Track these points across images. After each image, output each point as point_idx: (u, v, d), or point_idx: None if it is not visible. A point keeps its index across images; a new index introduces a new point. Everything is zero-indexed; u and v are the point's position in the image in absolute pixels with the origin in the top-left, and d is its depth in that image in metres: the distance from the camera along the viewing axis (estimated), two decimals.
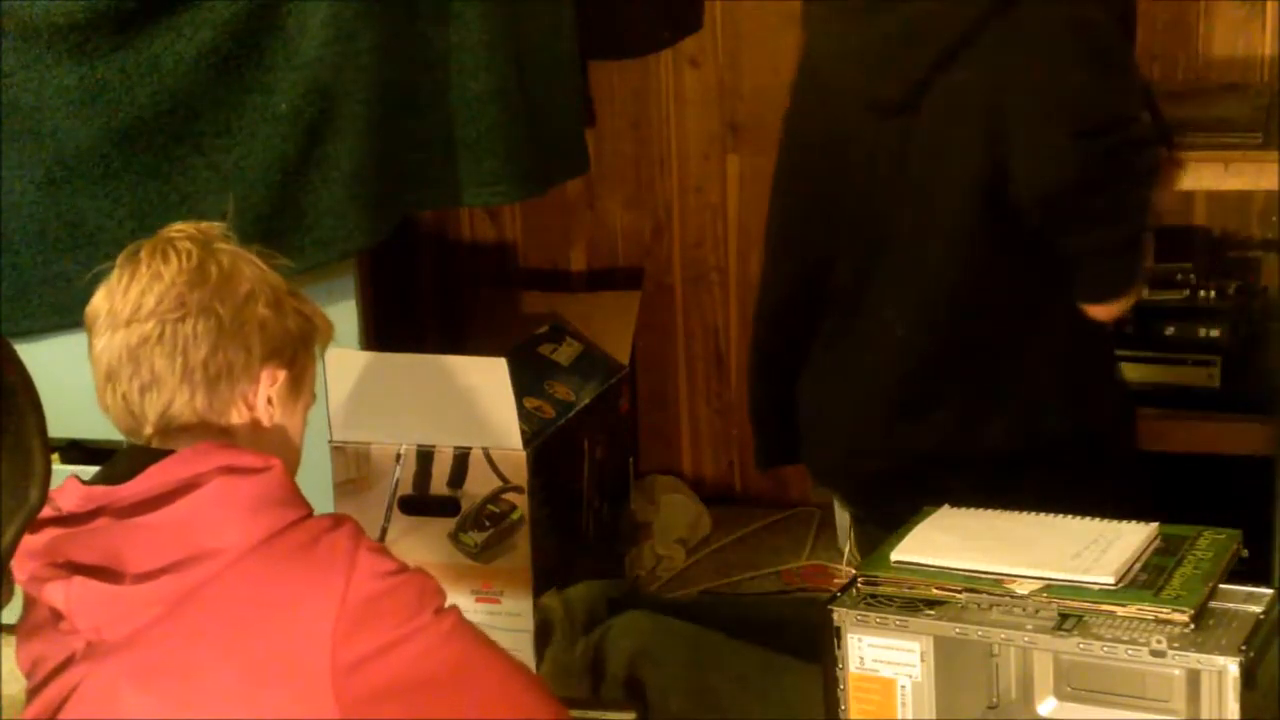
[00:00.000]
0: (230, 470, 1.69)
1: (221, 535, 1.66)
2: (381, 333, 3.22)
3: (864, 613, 1.79)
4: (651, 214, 3.70)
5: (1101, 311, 2.43)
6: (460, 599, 2.77)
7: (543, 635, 2.73)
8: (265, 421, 1.79)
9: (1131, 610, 1.69)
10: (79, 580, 1.65)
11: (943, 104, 2.33)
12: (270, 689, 1.64)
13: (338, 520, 1.73)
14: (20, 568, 1.68)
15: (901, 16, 2.34)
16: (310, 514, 1.73)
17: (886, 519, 2.28)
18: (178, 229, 1.81)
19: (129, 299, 1.75)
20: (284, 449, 1.81)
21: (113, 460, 1.77)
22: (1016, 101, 2.28)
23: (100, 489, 1.70)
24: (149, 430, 1.77)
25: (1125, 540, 1.82)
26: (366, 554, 1.70)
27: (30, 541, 1.67)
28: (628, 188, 3.71)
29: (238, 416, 1.77)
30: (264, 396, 1.78)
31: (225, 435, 1.77)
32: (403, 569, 1.73)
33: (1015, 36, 2.27)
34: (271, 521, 1.68)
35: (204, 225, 1.82)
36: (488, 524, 2.99)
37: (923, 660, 1.77)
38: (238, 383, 1.76)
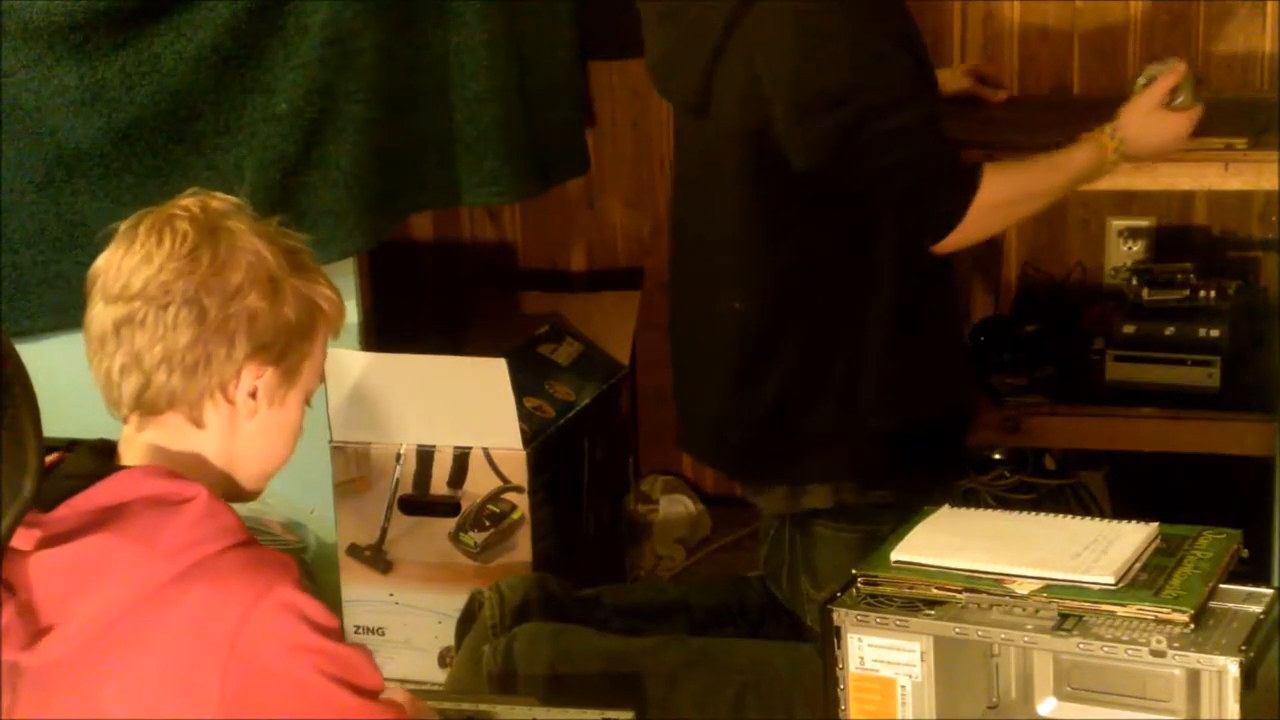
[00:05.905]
0: (153, 502, 1.65)
1: (129, 574, 1.62)
2: (381, 333, 3.22)
3: (864, 613, 1.79)
4: (651, 214, 3.70)
5: (942, 248, 2.47)
6: (461, 599, 2.77)
7: (467, 620, 2.71)
8: (246, 416, 1.76)
9: (1131, 610, 1.70)
10: (7, 611, 1.63)
11: (723, 101, 2.50)
12: None
13: (258, 561, 1.66)
14: None
15: (681, 24, 2.53)
16: (233, 545, 1.66)
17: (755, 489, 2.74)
18: (184, 204, 1.76)
19: (120, 274, 1.73)
20: (264, 442, 1.78)
21: (54, 471, 1.70)
22: (769, 91, 2.43)
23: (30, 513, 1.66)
24: (124, 410, 1.76)
25: (1125, 540, 1.82)
26: (269, 611, 1.62)
27: None
28: (628, 188, 3.70)
29: (213, 408, 1.74)
30: (245, 391, 1.75)
31: (199, 425, 1.74)
32: (309, 638, 1.64)
33: (756, 31, 2.43)
34: (177, 561, 1.62)
35: (214, 201, 1.78)
36: (488, 524, 2.99)
37: (923, 660, 1.77)
38: (216, 375, 1.73)
